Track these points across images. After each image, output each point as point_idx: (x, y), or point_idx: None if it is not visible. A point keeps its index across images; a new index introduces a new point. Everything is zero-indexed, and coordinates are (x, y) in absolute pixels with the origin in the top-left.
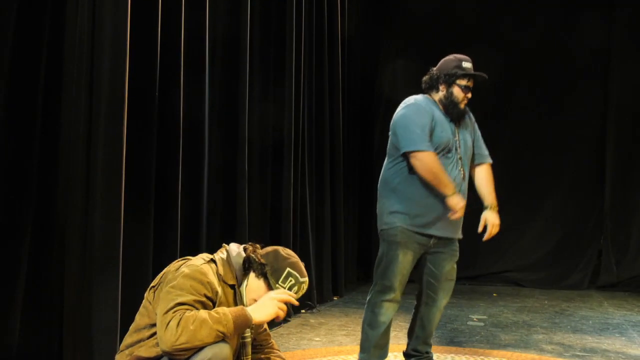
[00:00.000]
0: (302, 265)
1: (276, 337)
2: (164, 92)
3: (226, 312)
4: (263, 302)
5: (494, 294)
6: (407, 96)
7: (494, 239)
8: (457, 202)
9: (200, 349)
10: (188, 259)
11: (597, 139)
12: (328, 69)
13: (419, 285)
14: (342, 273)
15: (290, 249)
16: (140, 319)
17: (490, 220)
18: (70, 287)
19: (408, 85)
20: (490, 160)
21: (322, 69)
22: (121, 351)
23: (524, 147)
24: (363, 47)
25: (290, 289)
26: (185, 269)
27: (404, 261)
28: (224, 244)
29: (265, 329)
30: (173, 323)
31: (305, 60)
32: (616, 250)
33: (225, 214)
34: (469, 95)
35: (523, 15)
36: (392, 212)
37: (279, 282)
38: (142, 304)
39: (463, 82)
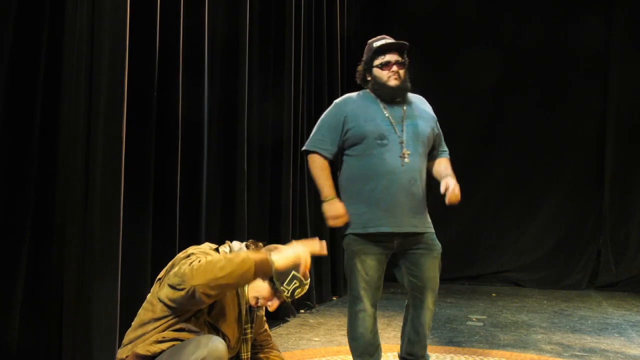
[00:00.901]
0: (303, 270)
1: (275, 337)
2: (163, 92)
3: (250, 256)
4: (286, 250)
5: (493, 294)
6: None
7: (493, 238)
8: (328, 210)
9: (197, 348)
10: (195, 246)
11: (596, 139)
12: (327, 68)
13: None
14: (341, 273)
15: None
16: (144, 313)
17: (451, 183)
18: (70, 286)
19: None
20: (446, 156)
21: (321, 68)
22: (124, 346)
23: (523, 147)
24: (363, 47)
25: (294, 291)
26: (193, 250)
27: (364, 269)
28: (227, 241)
29: (266, 329)
30: (195, 262)
31: (305, 59)
32: (615, 250)
33: (225, 214)
34: (395, 69)
35: (523, 15)
36: (349, 217)
37: (284, 285)
38: (146, 299)
39: (378, 60)
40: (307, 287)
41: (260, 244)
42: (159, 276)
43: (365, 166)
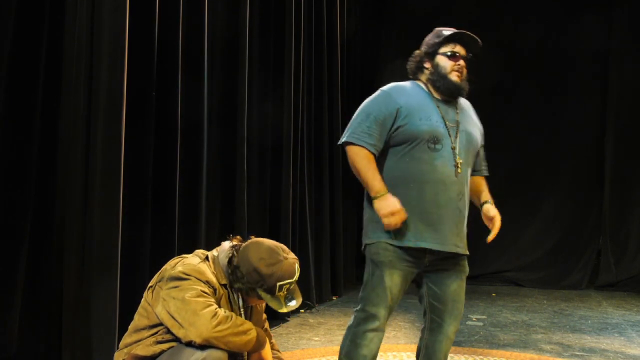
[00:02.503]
0: (286, 264)
1: (275, 337)
2: (162, 92)
3: (252, 340)
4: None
5: (493, 294)
6: None
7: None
8: (383, 207)
9: (197, 349)
10: (184, 257)
11: (596, 139)
12: (327, 69)
13: (423, 307)
14: (341, 273)
15: (289, 249)
16: (139, 319)
17: (494, 213)
18: (69, 287)
19: None
20: (486, 173)
21: (321, 69)
22: (120, 349)
23: (523, 147)
24: (362, 47)
25: (287, 290)
26: (182, 267)
27: (392, 284)
28: (222, 242)
29: (266, 329)
30: (208, 313)
31: (305, 60)
32: (615, 250)
33: (224, 215)
34: (462, 63)
35: (523, 16)
36: (377, 222)
37: (277, 294)
38: (140, 304)
39: (447, 48)
40: (297, 275)
41: (236, 253)
42: (150, 284)
43: (411, 170)
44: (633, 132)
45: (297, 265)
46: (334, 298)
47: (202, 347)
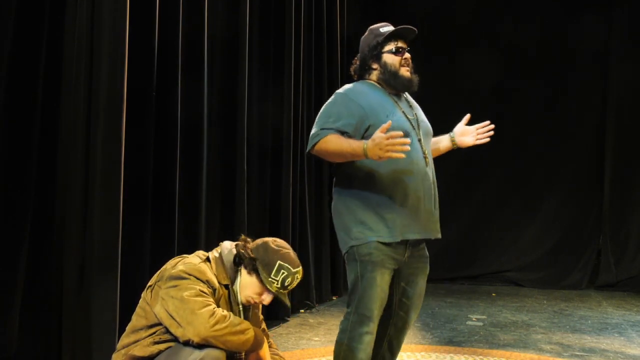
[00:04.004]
0: (293, 255)
1: (275, 337)
2: (162, 92)
3: (250, 337)
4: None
5: (493, 294)
6: None
7: (492, 238)
8: (376, 145)
9: (194, 349)
10: (184, 257)
11: (596, 139)
12: (327, 69)
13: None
14: (341, 273)
15: None
16: (137, 319)
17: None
18: (69, 287)
19: None
20: None
21: (321, 69)
22: (117, 351)
23: (523, 147)
24: None
25: (283, 281)
26: (183, 267)
27: (383, 283)
28: (220, 243)
29: (264, 329)
30: (206, 313)
31: (305, 60)
32: (615, 250)
33: (224, 215)
34: (407, 56)
35: (523, 15)
36: (362, 223)
37: (271, 276)
38: (138, 305)
39: (390, 45)
40: (298, 275)
41: (249, 239)
42: (149, 283)
43: (391, 167)
44: (633, 132)
45: (300, 269)
46: (334, 298)
47: (200, 346)
